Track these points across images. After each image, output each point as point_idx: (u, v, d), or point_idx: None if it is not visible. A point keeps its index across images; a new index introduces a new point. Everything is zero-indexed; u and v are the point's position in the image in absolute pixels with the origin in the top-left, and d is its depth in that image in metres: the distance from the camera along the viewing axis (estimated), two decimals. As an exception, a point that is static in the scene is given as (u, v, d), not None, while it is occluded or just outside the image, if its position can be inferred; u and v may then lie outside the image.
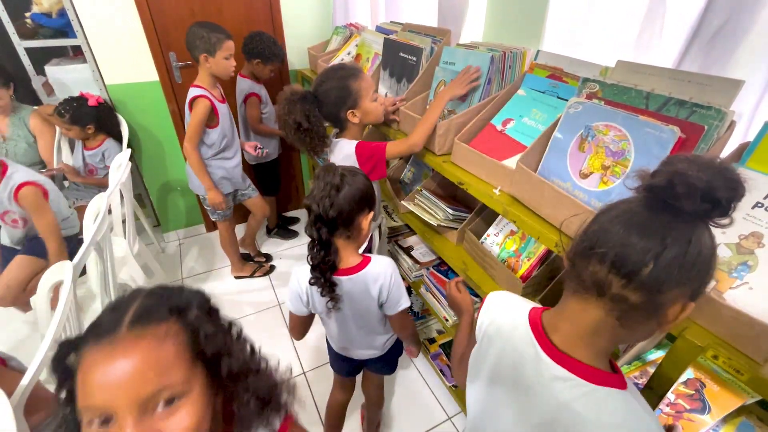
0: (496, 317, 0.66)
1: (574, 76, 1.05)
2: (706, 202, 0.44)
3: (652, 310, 0.47)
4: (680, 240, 0.45)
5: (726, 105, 0.70)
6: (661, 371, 0.69)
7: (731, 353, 0.59)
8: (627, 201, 0.51)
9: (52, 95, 2.14)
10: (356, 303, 0.99)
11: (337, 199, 0.86)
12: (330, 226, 0.88)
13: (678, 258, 0.44)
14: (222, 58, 1.63)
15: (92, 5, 1.88)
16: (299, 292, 0.99)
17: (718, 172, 0.44)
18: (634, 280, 0.46)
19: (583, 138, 0.88)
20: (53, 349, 0.84)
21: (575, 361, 0.53)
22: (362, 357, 1.17)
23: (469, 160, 1.14)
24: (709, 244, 0.46)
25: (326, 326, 1.13)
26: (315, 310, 1.02)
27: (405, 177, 1.73)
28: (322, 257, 0.89)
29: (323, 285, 0.92)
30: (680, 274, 0.45)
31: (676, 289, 0.46)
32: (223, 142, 1.81)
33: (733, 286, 0.63)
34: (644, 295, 0.46)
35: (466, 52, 1.25)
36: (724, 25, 0.76)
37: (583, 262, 0.51)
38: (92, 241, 1.21)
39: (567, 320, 0.55)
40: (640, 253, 0.45)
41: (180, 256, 2.53)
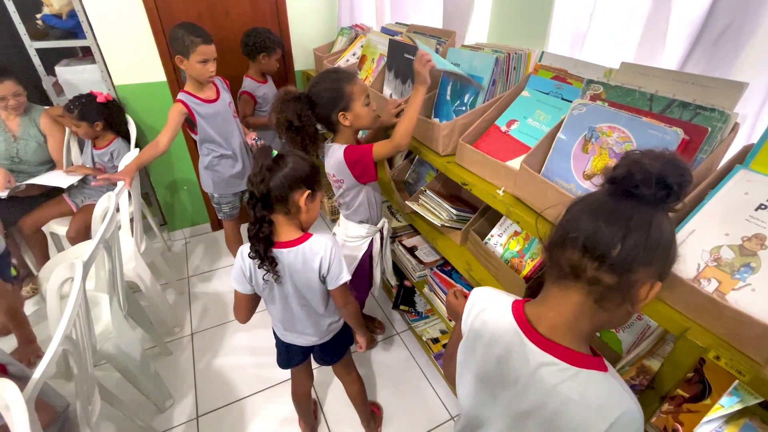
0: (481, 312, 0.69)
1: (578, 77, 1.06)
2: (661, 189, 0.50)
3: (625, 290, 0.52)
4: (642, 223, 0.50)
5: (730, 107, 0.70)
6: (663, 372, 0.70)
7: (733, 354, 0.60)
8: (594, 193, 0.57)
9: (62, 95, 2.17)
10: (297, 275, 1.02)
11: (268, 178, 0.93)
12: (263, 202, 0.95)
13: (641, 239, 0.50)
14: (195, 62, 1.59)
15: (102, 7, 1.91)
16: (242, 268, 1.02)
17: (668, 162, 0.50)
18: (606, 262, 0.51)
19: (586, 139, 0.89)
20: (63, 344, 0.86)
21: (559, 346, 0.57)
22: (306, 343, 1.19)
23: (474, 161, 1.15)
24: (669, 228, 0.52)
25: (270, 309, 1.14)
26: (257, 286, 1.05)
27: (409, 177, 1.74)
28: (256, 230, 0.95)
29: (260, 257, 0.97)
30: (645, 254, 0.50)
31: (644, 268, 0.51)
32: (212, 145, 1.79)
33: (735, 287, 0.63)
34: (616, 276, 0.51)
35: (470, 54, 1.26)
36: (728, 26, 0.76)
37: (559, 250, 0.56)
38: (101, 239, 1.23)
39: (550, 308, 0.59)
40: (608, 236, 0.51)
41: (186, 254, 2.55)
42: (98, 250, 1.21)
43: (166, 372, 1.76)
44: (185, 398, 1.66)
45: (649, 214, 0.51)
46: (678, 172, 0.49)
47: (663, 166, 0.49)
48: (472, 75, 1.25)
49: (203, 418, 1.58)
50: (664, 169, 0.49)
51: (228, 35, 2.22)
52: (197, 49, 1.56)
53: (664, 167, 0.49)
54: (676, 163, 0.50)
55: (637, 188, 0.50)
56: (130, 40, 2.02)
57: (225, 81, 1.85)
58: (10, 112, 1.89)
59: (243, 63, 2.16)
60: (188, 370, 1.78)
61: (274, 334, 1.25)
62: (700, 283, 0.66)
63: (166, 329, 1.96)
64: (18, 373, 0.91)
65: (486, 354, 0.65)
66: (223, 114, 1.78)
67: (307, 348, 1.23)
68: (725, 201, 0.69)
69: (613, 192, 0.54)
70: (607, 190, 0.55)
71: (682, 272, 0.67)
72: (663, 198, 0.50)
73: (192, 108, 1.67)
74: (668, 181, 0.49)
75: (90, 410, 1.07)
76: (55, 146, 2.01)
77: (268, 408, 1.62)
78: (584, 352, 0.57)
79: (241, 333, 1.97)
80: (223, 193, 1.93)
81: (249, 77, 2.13)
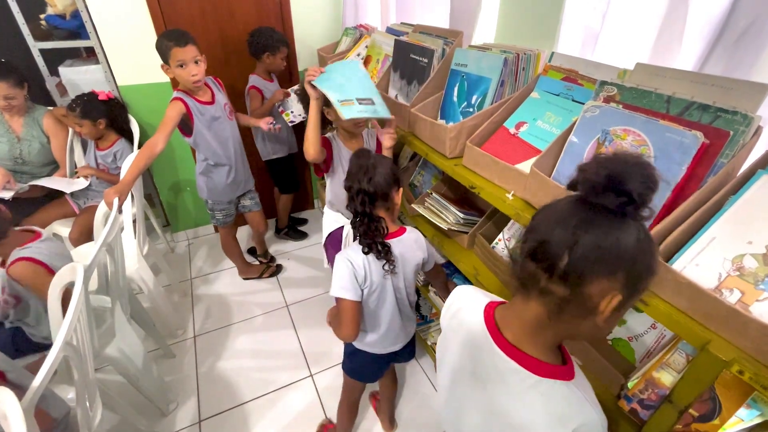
0: (458, 311, 0.69)
1: (589, 78, 1.03)
2: (619, 196, 0.45)
3: (581, 303, 0.49)
4: (594, 232, 0.47)
5: (752, 110, 0.68)
6: (682, 385, 0.67)
7: (757, 368, 0.57)
8: (559, 200, 0.53)
9: (66, 96, 2.16)
10: (407, 264, 1.09)
11: (374, 175, 1.00)
12: (371, 198, 1.00)
13: (592, 249, 0.46)
14: (175, 67, 1.54)
15: (105, 7, 1.90)
16: (353, 271, 1.02)
17: (632, 166, 0.45)
18: (555, 272, 0.49)
19: (600, 142, 0.86)
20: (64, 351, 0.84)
21: (524, 354, 0.56)
22: (404, 343, 1.22)
23: (482, 164, 1.12)
24: (632, 239, 0.47)
25: (374, 318, 1.12)
26: (372, 282, 1.04)
27: (415, 180, 1.72)
28: (368, 225, 1.00)
29: (377, 249, 1.01)
30: (598, 266, 0.47)
31: (599, 281, 0.47)
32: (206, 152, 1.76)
33: (759, 298, 0.60)
34: (567, 287, 0.49)
35: (478, 54, 1.24)
36: (750, 25, 0.73)
37: (519, 258, 0.55)
38: (104, 242, 1.22)
39: (514, 316, 0.59)
40: (555, 245, 0.48)
41: (189, 255, 2.54)
42: (100, 254, 1.19)
43: (169, 375, 1.75)
44: (188, 402, 1.64)
45: (606, 222, 0.47)
46: (639, 178, 0.45)
47: (616, 171, 0.45)
48: (480, 75, 1.23)
49: (206, 422, 1.57)
50: (621, 174, 0.45)
51: (233, 35, 2.21)
52: (171, 53, 1.51)
53: (621, 172, 0.45)
54: (637, 167, 0.45)
55: (588, 195, 0.48)
56: (133, 40, 2.00)
57: (218, 81, 1.79)
58: (14, 113, 1.89)
59: (247, 63, 2.14)
60: (191, 373, 1.76)
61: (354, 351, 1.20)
62: (721, 293, 0.63)
63: (168, 331, 1.94)
64: (17, 380, 0.90)
65: (460, 353, 0.66)
66: (220, 118, 1.74)
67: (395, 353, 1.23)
68: (748, 207, 0.67)
69: (576, 199, 0.50)
70: (572, 196, 0.52)
71: (703, 281, 0.65)
72: (623, 204, 0.46)
73: (191, 107, 1.63)
74: (625, 187, 0.45)
75: (91, 416, 1.06)
76: (58, 147, 2.00)
77: (270, 413, 1.60)
78: (549, 360, 0.56)
79: (244, 336, 1.95)
80: (217, 200, 1.90)
81: (256, 75, 2.12)
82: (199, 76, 1.58)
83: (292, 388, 1.70)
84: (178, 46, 1.51)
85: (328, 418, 1.57)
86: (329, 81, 1.24)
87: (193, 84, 1.59)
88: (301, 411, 1.61)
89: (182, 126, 1.69)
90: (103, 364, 1.30)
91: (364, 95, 1.25)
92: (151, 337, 1.79)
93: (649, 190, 0.45)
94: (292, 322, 2.04)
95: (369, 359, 1.19)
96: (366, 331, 1.15)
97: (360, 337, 1.16)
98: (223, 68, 2.24)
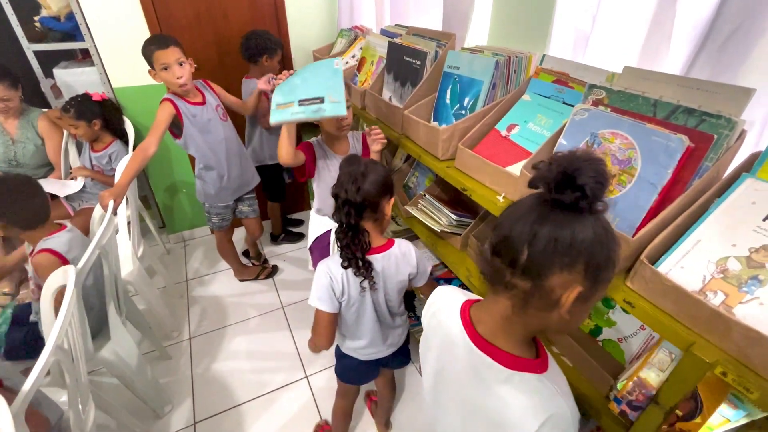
0: (437, 311, 0.71)
1: (580, 81, 1.04)
2: (574, 191, 0.47)
3: (544, 296, 0.51)
4: (550, 226, 0.49)
5: (736, 114, 0.68)
6: (668, 387, 0.68)
7: (741, 371, 0.58)
8: (523, 198, 0.55)
9: (61, 98, 2.16)
10: (390, 280, 1.05)
11: (363, 184, 0.93)
12: (358, 209, 0.94)
13: (549, 242, 0.49)
14: (159, 70, 1.53)
15: (100, 9, 1.90)
16: (331, 284, 1.00)
17: (583, 162, 0.48)
18: (517, 267, 0.51)
19: (588, 145, 0.87)
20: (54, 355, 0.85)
21: (496, 349, 0.58)
22: (390, 352, 1.19)
23: (473, 166, 1.13)
24: (589, 232, 0.49)
25: (354, 328, 1.11)
26: (347, 300, 1.03)
27: (409, 181, 1.72)
28: (351, 238, 0.95)
29: (357, 264, 0.97)
30: (556, 259, 0.49)
31: (559, 273, 0.49)
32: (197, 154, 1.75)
33: (743, 300, 0.61)
34: (529, 281, 0.51)
35: (470, 57, 1.24)
36: (735, 30, 0.74)
37: (486, 255, 0.57)
38: (98, 244, 1.22)
39: (486, 312, 0.62)
40: (516, 240, 0.51)
41: (185, 257, 2.54)
42: (94, 256, 1.19)
43: (165, 377, 1.75)
44: (183, 404, 1.64)
45: (563, 217, 0.49)
46: (590, 173, 0.47)
47: (573, 167, 0.47)
48: (472, 78, 1.24)
49: (201, 424, 1.57)
50: (574, 170, 0.47)
51: (227, 37, 2.21)
52: (154, 56, 1.51)
53: (575, 168, 0.47)
54: (588, 164, 0.48)
55: (551, 192, 0.50)
56: (128, 42, 2.00)
57: (208, 83, 1.78)
58: (8, 115, 1.88)
59: (242, 64, 2.14)
60: (186, 375, 1.76)
61: (343, 355, 1.20)
62: (706, 296, 0.64)
63: (164, 333, 1.94)
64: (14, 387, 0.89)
65: (440, 352, 0.68)
66: (213, 120, 1.73)
67: (384, 359, 1.21)
68: (732, 210, 0.67)
69: (537, 196, 0.53)
70: (533, 194, 0.54)
71: (688, 284, 0.65)
72: (576, 200, 0.48)
73: (181, 109, 1.63)
74: (578, 182, 0.47)
75: (84, 419, 1.06)
76: (53, 149, 2.00)
77: (266, 414, 1.60)
78: (521, 353, 0.58)
79: (239, 337, 1.95)
80: (213, 204, 1.90)
81: (250, 78, 2.09)
82: (184, 78, 1.56)
83: (287, 389, 1.70)
84: (160, 49, 1.50)
85: (324, 420, 1.57)
86: (286, 84, 1.20)
87: (180, 87, 1.58)
88: (296, 412, 1.61)
89: (172, 127, 1.68)
90: (98, 366, 1.30)
91: (313, 95, 1.15)
92: (146, 338, 1.79)
93: (600, 184, 0.47)
94: (287, 323, 2.04)
95: (355, 363, 1.19)
96: (348, 338, 1.15)
97: (342, 342, 1.17)
98: (217, 70, 2.25)
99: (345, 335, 1.15)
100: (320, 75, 1.18)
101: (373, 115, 1.62)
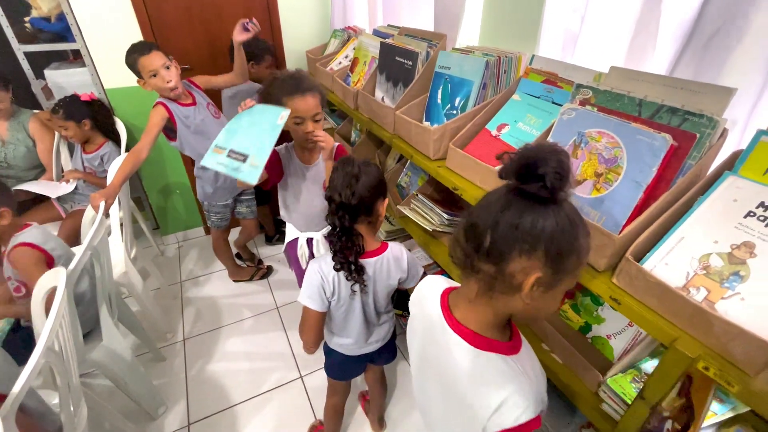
0: (422, 299, 0.74)
1: (568, 81, 1.05)
2: (536, 181, 0.50)
3: (506, 280, 0.55)
4: (512, 214, 0.52)
5: (718, 113, 0.69)
6: (652, 382, 0.69)
7: (722, 365, 0.59)
8: (495, 188, 0.58)
9: (52, 99, 2.14)
10: (380, 283, 1.05)
11: (357, 187, 0.92)
12: (353, 213, 0.94)
13: (510, 229, 0.52)
14: (149, 78, 1.52)
15: (90, 9, 1.89)
16: (321, 283, 1.00)
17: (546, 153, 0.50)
18: (481, 251, 0.55)
19: (576, 144, 0.88)
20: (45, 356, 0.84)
21: (467, 330, 0.62)
22: (375, 348, 1.20)
23: (464, 165, 1.14)
24: (551, 220, 0.51)
25: (342, 325, 1.12)
26: (339, 297, 1.03)
27: (402, 181, 1.73)
28: (345, 242, 0.95)
29: (349, 269, 0.97)
30: (516, 245, 0.52)
31: (519, 258, 0.53)
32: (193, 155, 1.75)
33: (724, 296, 0.62)
34: (492, 265, 0.55)
35: (461, 57, 1.25)
36: (718, 30, 0.75)
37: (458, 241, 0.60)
38: (89, 245, 1.21)
39: (461, 296, 0.66)
40: (481, 226, 0.54)
41: (179, 258, 2.53)
42: (85, 257, 1.19)
43: (159, 378, 1.74)
44: (177, 405, 1.64)
45: (523, 205, 0.52)
46: (552, 164, 0.49)
47: (536, 158, 0.50)
48: (463, 78, 1.24)
49: (195, 425, 1.57)
50: (537, 160, 0.50)
51: (220, 36, 2.20)
52: (139, 64, 1.51)
53: (537, 159, 0.50)
54: (551, 154, 0.50)
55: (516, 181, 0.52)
56: (119, 42, 1.96)
57: (192, 82, 1.77)
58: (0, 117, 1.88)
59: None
60: (180, 377, 1.76)
61: (329, 351, 1.22)
62: (689, 292, 0.65)
63: (158, 335, 1.94)
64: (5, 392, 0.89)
65: (423, 336, 0.72)
66: (206, 119, 1.72)
67: (370, 355, 1.22)
68: (714, 208, 0.69)
69: (506, 186, 0.56)
70: (504, 185, 0.57)
71: (671, 280, 0.66)
72: (540, 190, 0.50)
73: (173, 112, 1.62)
74: (539, 172, 0.49)
75: (76, 422, 1.05)
76: (44, 151, 1.99)
77: (260, 415, 1.61)
78: (491, 335, 0.61)
79: (233, 338, 1.95)
80: (212, 203, 1.90)
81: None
82: (174, 81, 1.56)
83: (282, 389, 1.70)
84: (143, 55, 1.50)
85: (319, 420, 1.58)
86: (235, 121, 1.15)
87: (171, 92, 1.58)
88: (291, 413, 1.61)
89: (167, 130, 1.68)
90: (90, 368, 1.30)
91: (242, 150, 1.10)
92: (140, 340, 1.78)
93: (559, 175, 0.49)
94: (282, 324, 2.04)
95: (342, 358, 1.20)
96: (335, 334, 1.16)
97: (330, 338, 1.18)
98: (210, 70, 2.22)
99: (333, 332, 1.16)
100: (263, 124, 1.11)
101: (366, 115, 1.63)
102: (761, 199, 0.65)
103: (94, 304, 1.37)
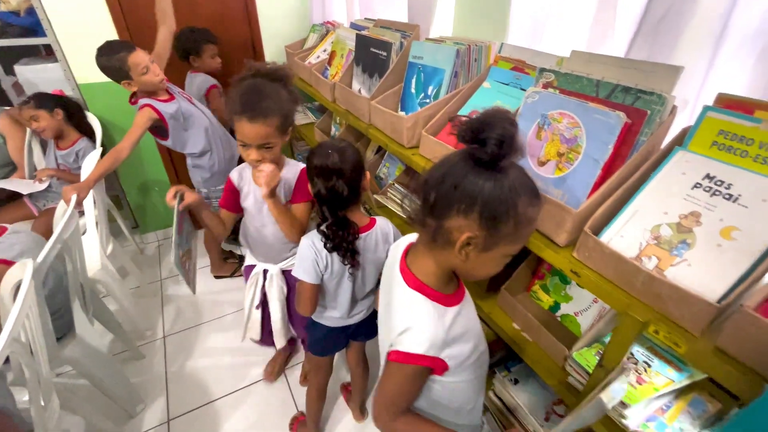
0: (395, 248, 0.82)
1: (535, 67, 1.07)
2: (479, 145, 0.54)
3: (444, 235, 0.60)
4: (456, 175, 0.57)
5: (668, 90, 0.72)
6: (609, 349, 0.71)
7: (671, 327, 0.61)
8: (453, 152, 0.62)
9: (23, 95, 2.09)
10: (371, 256, 1.08)
11: (345, 172, 0.94)
12: (343, 202, 0.97)
13: (450, 188, 0.57)
14: (140, 76, 1.49)
15: (62, 3, 1.85)
16: (315, 258, 1.02)
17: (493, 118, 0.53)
18: (426, 207, 0.61)
19: (540, 126, 0.90)
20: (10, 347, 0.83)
21: (410, 273, 0.69)
22: (360, 319, 1.21)
23: (436, 152, 1.15)
24: (491, 184, 0.55)
25: (333, 296, 1.13)
26: (332, 271, 1.05)
27: (380, 172, 1.74)
28: (342, 235, 0.98)
29: (344, 252, 1.00)
30: (455, 203, 0.56)
31: (456, 216, 0.57)
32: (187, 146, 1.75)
33: (673, 263, 0.65)
34: (435, 220, 0.60)
35: (433, 47, 1.27)
36: (667, 11, 0.79)
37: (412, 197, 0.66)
38: (59, 238, 1.19)
39: (415, 248, 0.72)
40: (430, 185, 0.59)
41: (159, 257, 2.50)
42: (54, 251, 1.17)
43: (138, 376, 1.72)
44: (156, 402, 1.62)
45: (468, 168, 0.56)
46: (497, 129, 0.52)
47: (482, 123, 0.53)
48: (435, 67, 1.26)
49: (175, 421, 1.55)
50: (483, 125, 0.53)
51: (196, 32, 2.18)
52: (128, 63, 1.48)
53: (484, 124, 0.53)
54: (498, 121, 0.53)
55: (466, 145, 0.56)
56: (92, 37, 1.93)
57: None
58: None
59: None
60: (160, 374, 1.74)
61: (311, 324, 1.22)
62: (641, 261, 0.68)
63: (137, 333, 1.91)
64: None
65: (386, 275, 0.81)
66: (188, 108, 1.72)
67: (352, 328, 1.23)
68: (665, 181, 0.72)
69: (461, 150, 0.59)
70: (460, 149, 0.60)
71: (626, 251, 0.69)
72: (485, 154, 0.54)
73: (162, 112, 1.60)
74: (483, 136, 0.53)
75: (47, 416, 1.04)
76: (15, 148, 1.94)
77: (241, 409, 1.60)
78: (429, 283, 0.67)
79: (214, 334, 1.93)
80: (211, 188, 1.90)
81: (196, 72, 2.06)
82: (162, 74, 1.57)
83: (264, 383, 1.70)
84: (131, 53, 1.49)
85: (300, 411, 1.58)
86: None
87: (161, 82, 1.57)
88: (273, 405, 1.61)
89: (157, 131, 1.67)
90: (63, 365, 1.27)
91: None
92: (119, 338, 1.76)
93: (501, 141, 0.52)
94: (264, 318, 2.03)
95: (325, 332, 1.21)
96: (326, 307, 1.17)
97: (319, 311, 1.18)
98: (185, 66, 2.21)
99: (324, 305, 1.17)
100: None
101: (343, 107, 1.64)
102: (707, 170, 0.68)
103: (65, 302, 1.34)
